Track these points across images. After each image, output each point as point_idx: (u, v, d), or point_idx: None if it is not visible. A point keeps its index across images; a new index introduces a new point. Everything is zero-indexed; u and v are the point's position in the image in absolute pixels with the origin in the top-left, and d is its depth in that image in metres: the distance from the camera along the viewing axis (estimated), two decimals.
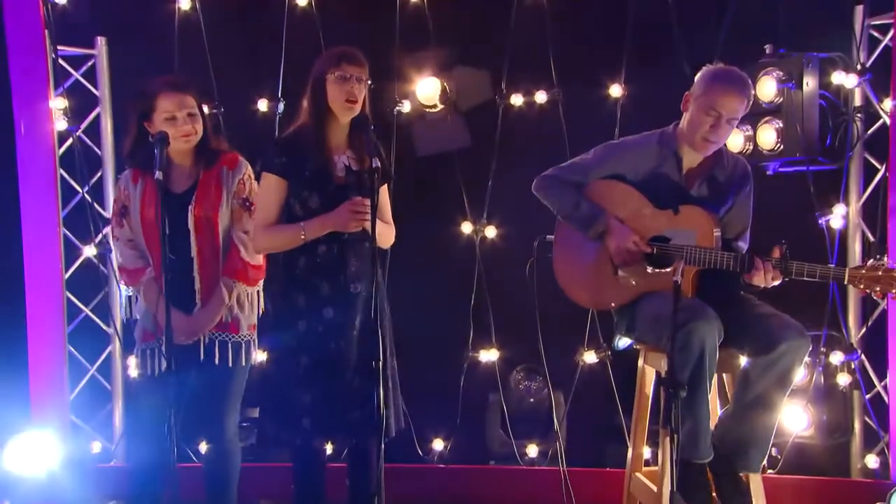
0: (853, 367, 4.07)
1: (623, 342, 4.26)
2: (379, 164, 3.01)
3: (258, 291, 3.42)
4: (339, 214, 3.18)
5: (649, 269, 3.36)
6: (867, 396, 4.09)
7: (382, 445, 2.98)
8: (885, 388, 3.99)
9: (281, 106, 4.30)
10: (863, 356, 4.08)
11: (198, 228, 3.25)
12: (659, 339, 3.32)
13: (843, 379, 4.05)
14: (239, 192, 3.34)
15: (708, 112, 3.30)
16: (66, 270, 4.36)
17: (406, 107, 4.22)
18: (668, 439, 3.27)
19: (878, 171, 4.04)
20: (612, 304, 3.52)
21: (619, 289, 3.45)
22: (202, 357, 3.28)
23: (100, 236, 4.42)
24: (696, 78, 3.42)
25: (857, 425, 4.14)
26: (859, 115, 4.03)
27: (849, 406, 4.11)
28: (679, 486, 3.13)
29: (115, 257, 3.57)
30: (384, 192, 3.34)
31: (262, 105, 4.35)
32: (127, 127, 3.33)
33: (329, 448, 3.98)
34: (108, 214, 4.48)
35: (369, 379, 3.13)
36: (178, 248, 3.24)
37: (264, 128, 4.30)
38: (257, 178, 3.32)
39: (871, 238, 4.03)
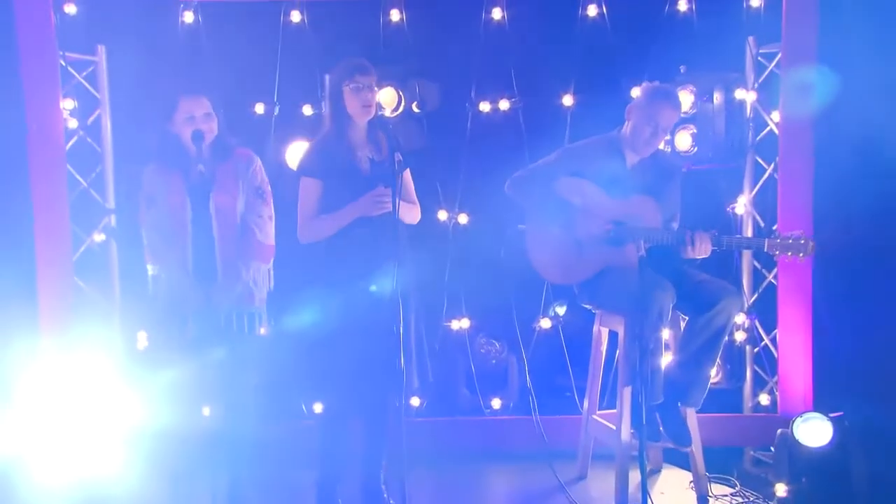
0: (747, 326, 4.60)
1: (561, 310, 4.76)
2: (401, 157, 3.32)
3: (269, 269, 3.62)
4: (364, 203, 3.45)
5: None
6: (756, 349, 4.59)
7: (403, 402, 3.32)
8: (772, 341, 4.51)
9: (276, 109, 4.47)
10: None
11: (218, 213, 3.44)
12: (621, 306, 3.77)
13: (740, 336, 4.59)
14: (252, 182, 3.55)
15: (648, 122, 3.78)
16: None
17: (387, 112, 4.49)
18: (628, 387, 3.81)
19: (765, 170, 4.54)
20: (579, 279, 3.95)
21: (584, 266, 3.88)
22: (227, 327, 3.47)
23: (101, 224, 4.52)
24: (640, 92, 3.87)
25: (748, 373, 4.62)
26: (751, 124, 4.54)
27: (743, 357, 4.62)
28: (635, 424, 3.70)
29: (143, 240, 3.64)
30: (408, 177, 3.62)
31: (259, 108, 4.51)
32: (150, 128, 3.50)
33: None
34: (108, 205, 4.59)
35: (395, 343, 3.34)
36: (202, 230, 3.43)
37: (261, 129, 4.46)
38: (297, 183, 3.54)
39: (762, 223, 4.55)
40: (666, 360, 3.86)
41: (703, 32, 4.44)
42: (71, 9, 4.33)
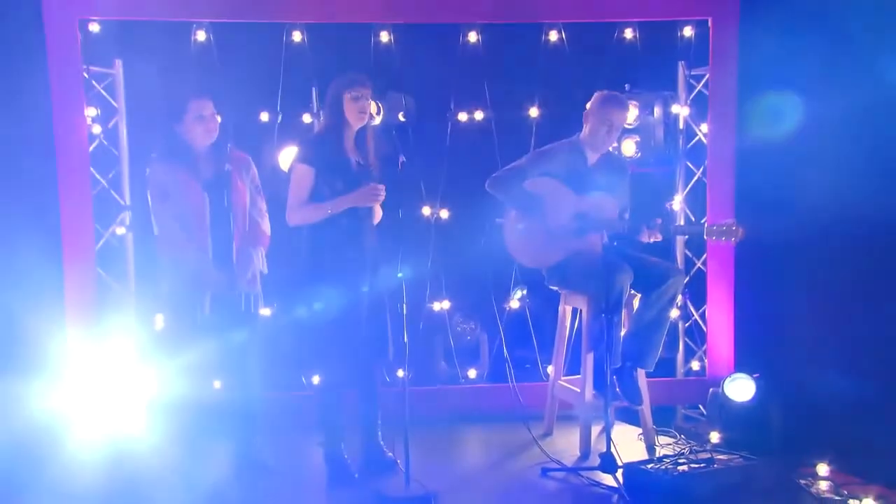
0: (680, 304, 5.06)
1: (523, 292, 5.23)
2: (405, 158, 3.69)
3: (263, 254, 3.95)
4: (360, 194, 3.77)
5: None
6: (688, 323, 5.13)
7: (405, 372, 3.62)
8: (701, 316, 5.04)
9: (279, 118, 4.77)
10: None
11: (235, 208, 3.74)
12: (587, 286, 4.25)
13: (674, 313, 5.05)
14: (253, 181, 3.89)
15: (603, 123, 4.26)
16: None
17: (376, 121, 4.88)
18: (590, 354, 4.33)
19: (694, 173, 5.09)
20: (549, 264, 4.42)
21: (554, 252, 4.35)
22: (243, 307, 3.81)
23: (118, 219, 4.79)
24: (593, 99, 4.32)
25: (681, 343, 5.11)
26: (682, 135, 5.06)
27: (677, 330, 5.14)
28: (599, 386, 4.18)
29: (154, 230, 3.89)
30: None
31: (264, 116, 4.81)
32: (159, 129, 3.77)
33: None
34: (124, 203, 4.85)
35: (383, 320, 3.79)
36: (220, 222, 3.73)
37: (265, 134, 4.75)
38: (291, 170, 3.79)
39: (693, 218, 5.06)
40: (622, 331, 4.35)
41: (645, 57, 4.87)
42: (94, 27, 4.59)
